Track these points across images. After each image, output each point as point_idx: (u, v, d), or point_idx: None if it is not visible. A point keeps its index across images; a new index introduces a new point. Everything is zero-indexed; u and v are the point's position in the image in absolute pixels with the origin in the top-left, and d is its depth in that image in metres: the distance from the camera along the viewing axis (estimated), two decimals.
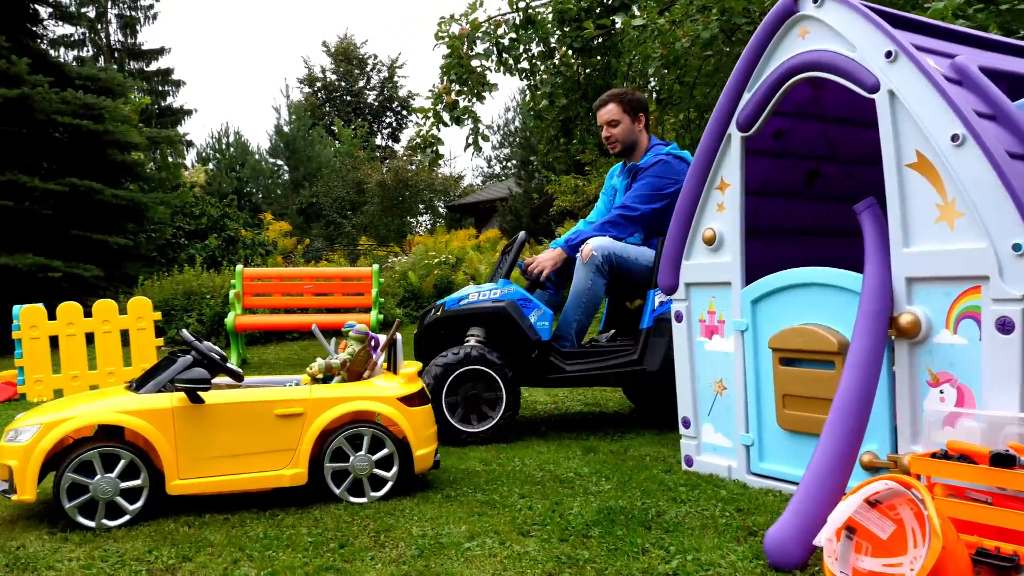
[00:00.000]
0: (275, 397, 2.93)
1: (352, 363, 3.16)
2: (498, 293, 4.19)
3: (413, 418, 3.05)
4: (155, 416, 2.79)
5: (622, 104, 4.42)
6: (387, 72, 40.32)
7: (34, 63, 10.03)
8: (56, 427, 2.72)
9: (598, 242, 4.20)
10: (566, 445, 3.99)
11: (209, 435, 2.84)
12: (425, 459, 3.08)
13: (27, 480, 2.68)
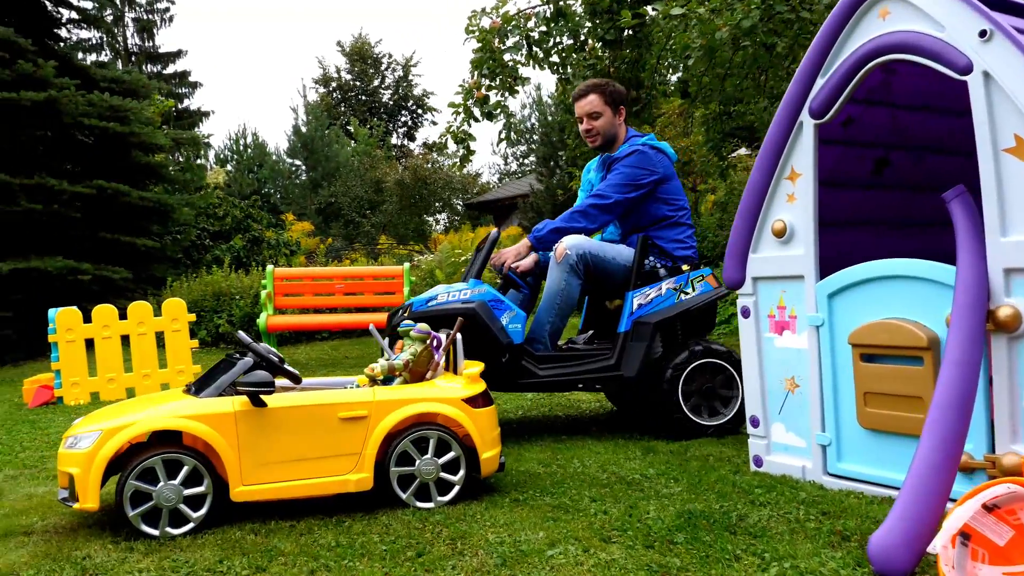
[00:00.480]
0: (339, 400, 2.84)
1: (415, 364, 3.06)
2: (468, 294, 3.95)
3: (478, 420, 2.96)
4: (217, 421, 2.70)
5: (603, 95, 4.19)
6: (402, 71, 40.32)
7: (59, 66, 10.01)
8: (118, 433, 2.63)
9: (573, 240, 3.98)
10: (623, 445, 3.88)
11: (272, 440, 2.75)
12: (491, 462, 2.98)
13: (89, 488, 2.60)
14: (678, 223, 4.19)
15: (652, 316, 3.98)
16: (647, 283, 4.05)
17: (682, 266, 4.14)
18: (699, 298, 4.07)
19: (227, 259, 11.99)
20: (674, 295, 4.03)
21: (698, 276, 4.12)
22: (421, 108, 40.89)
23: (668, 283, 4.04)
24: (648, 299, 4.01)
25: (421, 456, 2.86)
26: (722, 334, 8.43)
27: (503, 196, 25.68)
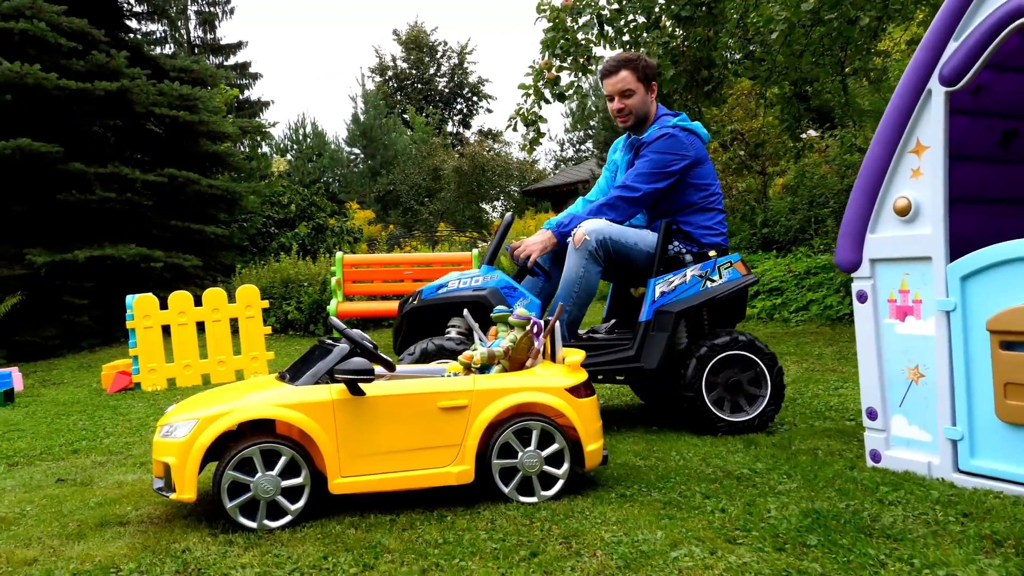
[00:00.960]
0: (438, 388, 2.71)
1: (514, 351, 2.91)
2: (480, 280, 3.78)
3: (582, 410, 2.80)
4: (315, 409, 2.59)
5: (636, 71, 3.88)
6: (457, 59, 40.27)
7: (131, 57, 10.13)
8: (215, 422, 2.55)
9: (592, 225, 3.75)
10: (721, 438, 3.68)
11: (371, 430, 2.63)
12: (595, 455, 2.82)
13: (186, 478, 2.52)
14: (708, 208, 3.93)
15: (675, 305, 3.73)
16: (671, 270, 3.82)
17: (709, 252, 3.88)
18: (726, 286, 3.81)
19: (294, 247, 12.06)
20: (699, 282, 3.79)
21: (726, 263, 3.86)
22: (476, 95, 40.81)
23: (693, 270, 3.80)
24: (672, 286, 3.78)
25: (524, 448, 2.71)
26: (800, 321, 8.12)
27: (561, 183, 25.45)
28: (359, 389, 2.62)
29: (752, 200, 13.03)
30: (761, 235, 11.41)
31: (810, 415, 4.16)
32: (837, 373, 5.43)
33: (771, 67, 8.63)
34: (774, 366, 3.78)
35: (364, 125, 28.20)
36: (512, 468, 2.72)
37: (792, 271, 9.09)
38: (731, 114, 12.75)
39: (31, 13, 9.00)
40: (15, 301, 8.84)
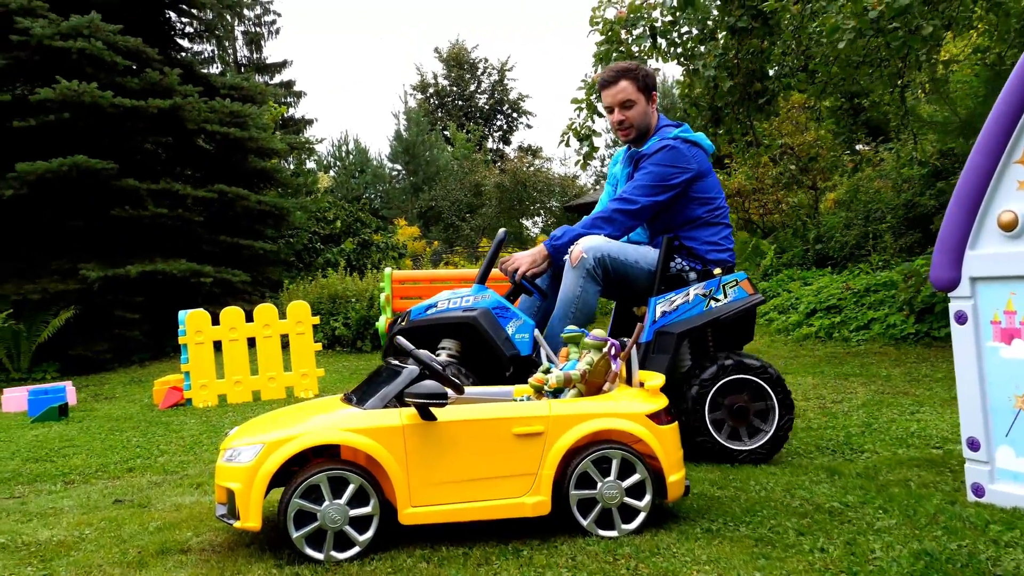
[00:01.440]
0: (512, 414, 2.56)
1: (591, 374, 2.75)
2: (471, 300, 3.60)
3: (664, 438, 2.63)
4: (385, 435, 2.46)
5: (636, 81, 3.71)
6: (497, 75, 40.42)
7: (183, 75, 10.25)
8: (282, 447, 2.43)
9: (590, 242, 3.55)
10: (800, 466, 3.48)
11: (443, 457, 2.49)
12: (677, 486, 2.65)
13: (251, 506, 2.40)
14: (713, 223, 3.73)
15: (676, 325, 3.51)
16: (672, 288, 3.61)
17: (714, 270, 3.67)
18: (731, 306, 3.58)
19: (342, 262, 12.06)
20: (703, 302, 3.57)
21: (731, 281, 3.63)
22: (516, 112, 40.88)
23: (696, 288, 3.59)
24: (673, 306, 3.56)
25: (603, 478, 2.55)
26: (861, 340, 7.83)
27: None
28: (431, 414, 2.48)
29: (803, 215, 12.74)
30: (815, 251, 11.13)
31: (891, 442, 3.93)
32: (910, 396, 5.17)
33: (826, 79, 8.41)
34: (783, 394, 3.53)
35: (407, 142, 28.37)
36: (591, 499, 2.55)
37: (851, 288, 8.80)
38: (781, 127, 12.50)
39: (89, 32, 9.15)
40: (69, 315, 8.93)
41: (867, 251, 10.28)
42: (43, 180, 8.84)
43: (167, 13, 11.62)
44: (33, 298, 9.02)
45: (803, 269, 10.82)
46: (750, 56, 7.87)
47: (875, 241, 10.22)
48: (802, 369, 6.52)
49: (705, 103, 8.20)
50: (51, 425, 5.61)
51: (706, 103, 8.19)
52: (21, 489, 3.72)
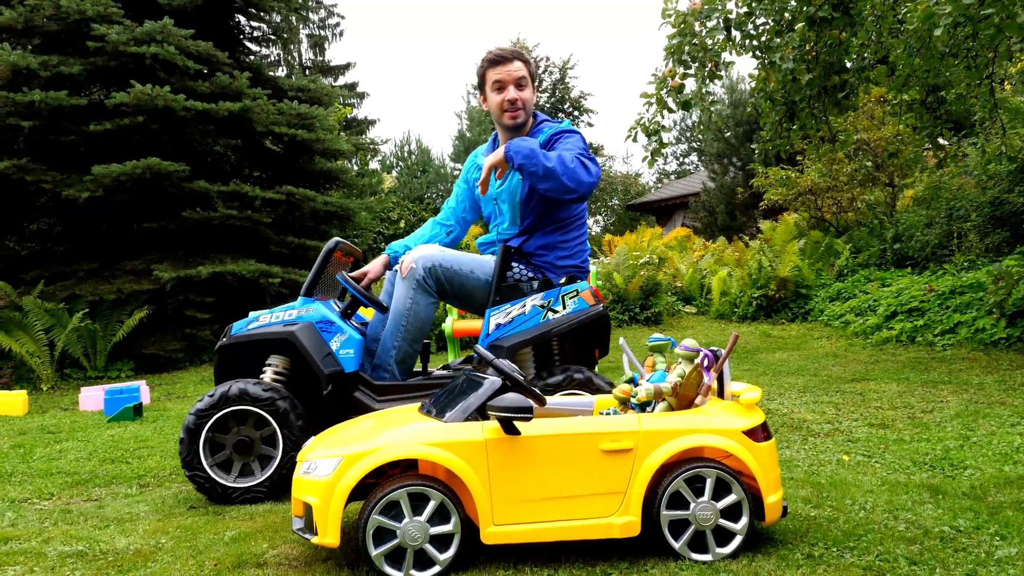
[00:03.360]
0: (600, 429, 2.42)
1: (683, 387, 2.59)
2: (294, 314, 3.43)
3: (761, 456, 2.47)
4: (466, 449, 2.35)
5: (528, 65, 3.55)
6: (559, 74, 40.20)
7: (251, 78, 10.38)
8: (361, 460, 2.34)
9: (420, 252, 3.40)
10: (894, 481, 3.27)
11: (527, 473, 2.37)
12: (775, 507, 2.48)
13: (329, 521, 2.31)
14: (572, 226, 3.54)
15: (507, 339, 3.30)
16: (510, 299, 3.38)
17: (556, 280, 3.45)
18: (568, 318, 3.36)
19: None
20: (540, 313, 3.35)
21: (571, 292, 3.40)
22: (578, 110, 40.62)
23: (534, 299, 3.36)
24: (509, 318, 3.34)
25: (696, 498, 2.40)
26: (947, 345, 7.44)
27: (666, 196, 24.88)
28: (515, 428, 2.36)
29: (880, 214, 12.26)
30: (893, 251, 10.68)
31: (994, 458, 3.67)
32: (1008, 407, 4.86)
33: (908, 72, 8.03)
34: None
35: (469, 141, 28.45)
36: (683, 521, 2.40)
37: (934, 290, 8.40)
38: (857, 122, 12.03)
39: (161, 37, 9.32)
40: (143, 315, 9.13)
41: (950, 251, 9.81)
42: (118, 182, 9.05)
43: (236, 17, 11.80)
44: (108, 298, 9.24)
45: (881, 269, 10.40)
46: (828, 48, 7.56)
47: (959, 240, 9.75)
48: (885, 375, 6.22)
49: (780, 97, 7.91)
50: (126, 425, 5.70)
51: (781, 97, 7.91)
52: (98, 492, 3.74)
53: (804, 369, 6.74)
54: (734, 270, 11.14)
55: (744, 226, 16.30)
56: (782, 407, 5.04)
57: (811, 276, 10.55)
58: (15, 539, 2.88)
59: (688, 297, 11.34)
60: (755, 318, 10.03)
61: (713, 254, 12.75)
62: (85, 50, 9.39)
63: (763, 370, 6.76)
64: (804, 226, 13.05)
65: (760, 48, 7.48)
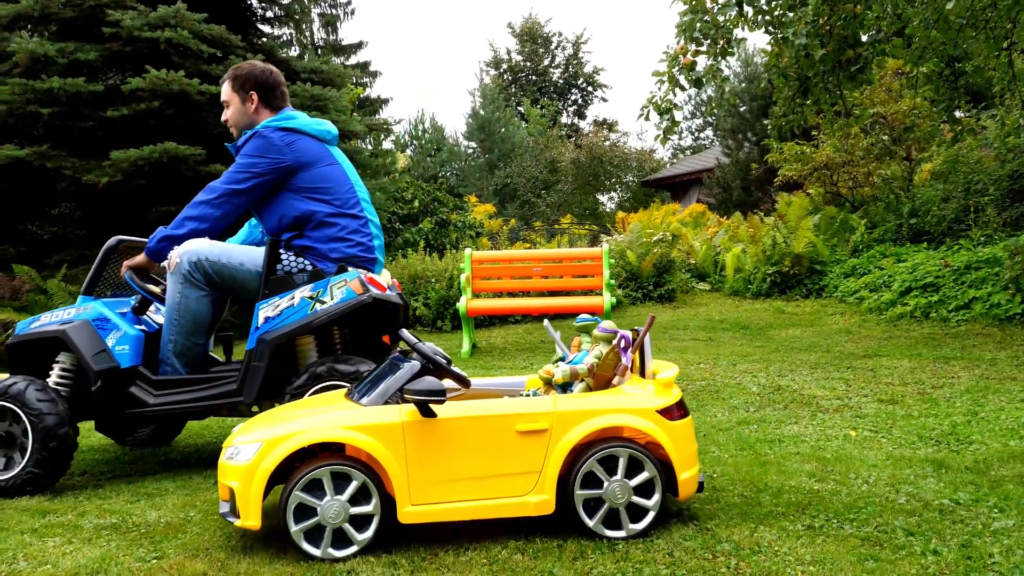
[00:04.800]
0: (516, 410, 2.48)
1: (600, 368, 2.65)
2: (72, 313, 3.46)
3: (675, 434, 2.52)
4: (384, 432, 2.41)
5: (232, 81, 3.60)
6: (572, 49, 39.96)
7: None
8: (279, 445, 2.41)
9: (187, 246, 3.42)
10: (901, 458, 3.33)
11: (443, 454, 2.44)
12: (690, 483, 2.54)
13: (251, 504, 2.40)
14: (331, 219, 3.48)
15: (273, 332, 3.31)
16: (279, 291, 3.38)
17: (327, 270, 3.44)
18: (334, 308, 3.32)
19: (421, 242, 12.17)
20: (309, 304, 3.33)
21: (340, 281, 3.36)
22: (591, 85, 40.41)
23: (303, 291, 3.35)
24: (278, 310, 3.34)
25: (610, 477, 2.46)
26: (961, 321, 7.45)
27: (681, 172, 24.77)
28: (431, 411, 2.43)
29: (896, 188, 12.18)
30: (909, 226, 10.63)
31: (1001, 433, 3.72)
32: (1019, 382, 4.89)
33: (925, 44, 7.97)
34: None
35: (482, 119, 28.38)
36: (597, 499, 2.47)
37: (949, 265, 8.38)
38: (873, 96, 11.93)
39: (175, 22, 9.38)
40: None
41: (967, 225, 9.76)
42: (136, 167, 9.16)
43: (248, 0, 11.84)
44: None
45: (896, 245, 10.37)
46: (842, 21, 7.51)
47: (976, 215, 9.69)
48: (897, 351, 6.26)
49: (794, 73, 7.88)
50: None
51: (794, 73, 7.88)
52: (128, 468, 3.88)
53: (816, 345, 6.78)
54: (748, 246, 11.13)
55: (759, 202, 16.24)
56: (792, 383, 5.11)
57: (826, 252, 10.53)
58: (53, 512, 3.02)
59: (702, 274, 11.35)
60: (769, 294, 10.04)
61: (727, 231, 12.74)
62: (101, 36, 9.48)
63: (775, 346, 6.81)
64: (819, 201, 13.00)
65: (773, 23, 7.46)
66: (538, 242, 15.91)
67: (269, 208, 3.51)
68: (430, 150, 26.72)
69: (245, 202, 3.51)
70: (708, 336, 7.62)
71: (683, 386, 5.14)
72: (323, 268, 3.43)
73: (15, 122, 9.47)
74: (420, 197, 13.90)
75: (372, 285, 3.41)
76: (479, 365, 6.67)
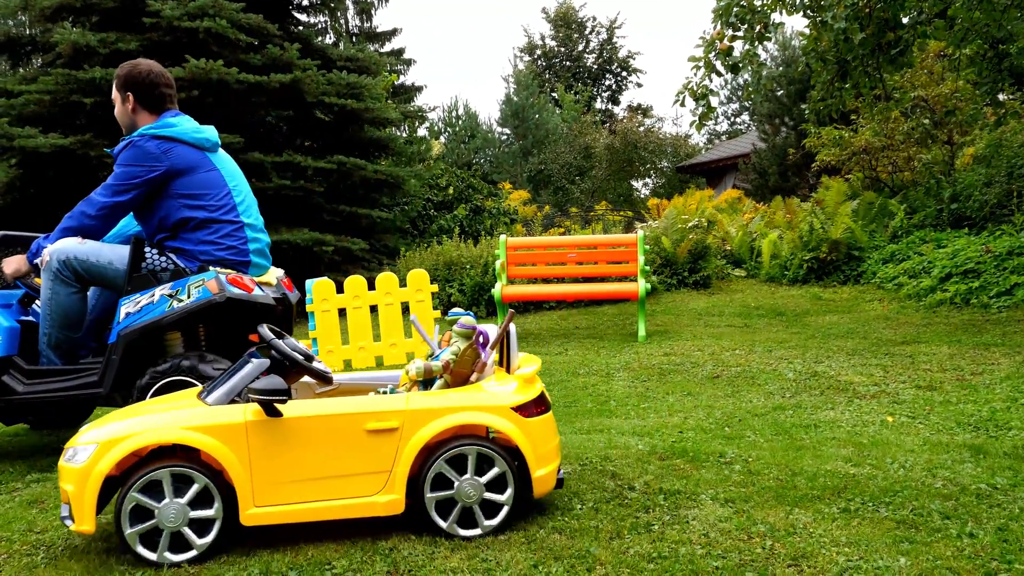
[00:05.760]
0: (365, 409, 2.44)
1: (457, 364, 2.61)
2: None
3: (530, 431, 2.48)
4: (225, 433, 2.36)
5: (116, 81, 3.68)
6: (606, 34, 39.67)
7: (301, 49, 10.56)
8: (116, 446, 2.35)
9: (58, 245, 3.52)
10: (939, 443, 3.32)
11: (289, 455, 2.40)
12: (546, 480, 2.50)
13: (85, 508, 2.32)
14: (211, 221, 3.55)
15: (129, 327, 3.40)
16: (141, 288, 3.47)
17: (192, 269, 3.50)
18: (187, 307, 3.38)
19: (456, 229, 12.25)
20: (167, 302, 3.41)
21: (197, 281, 3.43)
22: (626, 71, 40.10)
23: (163, 289, 3.44)
24: (138, 307, 3.43)
25: (460, 476, 2.43)
26: (1003, 307, 7.32)
27: (716, 158, 24.53)
28: (275, 410, 2.37)
29: (937, 173, 11.96)
30: (949, 211, 10.44)
31: None
32: None
33: (968, 25, 7.81)
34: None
35: (516, 105, 28.35)
36: (450, 499, 2.43)
37: (991, 251, 8.23)
38: (914, 79, 11.71)
39: (213, 12, 9.53)
40: None
41: (1010, 210, 9.56)
42: None
43: None
44: None
45: (937, 230, 10.19)
46: (882, 4, 7.38)
47: (1020, 200, 9.49)
48: (936, 338, 6.19)
49: (832, 57, 7.78)
50: None
51: (833, 57, 7.77)
52: None
53: (854, 332, 6.73)
54: (785, 232, 11.02)
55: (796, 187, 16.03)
56: (829, 369, 5.08)
57: (864, 238, 10.39)
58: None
59: (738, 260, 11.27)
60: (806, 281, 9.95)
61: (763, 216, 12.62)
62: (141, 26, 9.66)
63: (812, 333, 6.77)
64: (858, 186, 12.80)
65: (811, 7, 7.36)
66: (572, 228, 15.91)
67: (147, 212, 3.63)
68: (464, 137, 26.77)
69: (124, 212, 3.63)
70: (744, 323, 7.59)
71: (718, 372, 5.14)
72: (186, 267, 3.53)
73: (58, 111, 9.70)
74: (454, 184, 13.97)
75: (234, 285, 3.48)
76: None
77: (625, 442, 3.44)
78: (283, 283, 3.90)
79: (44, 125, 9.56)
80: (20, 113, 9.58)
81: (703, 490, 2.69)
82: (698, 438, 3.50)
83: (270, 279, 3.76)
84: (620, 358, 5.94)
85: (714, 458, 3.12)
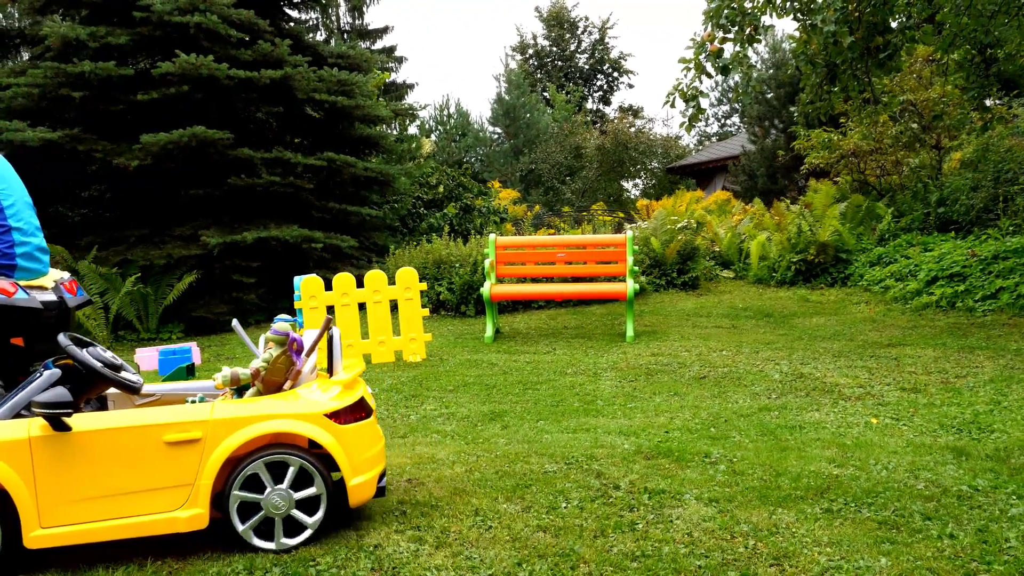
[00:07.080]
0: (163, 420, 2.32)
1: (268, 371, 2.54)
2: None
3: (346, 438, 2.40)
4: (7, 450, 2.21)
5: None
6: (598, 34, 39.71)
7: (292, 45, 10.51)
8: None
9: None
10: (922, 445, 3.35)
11: (80, 471, 2.26)
12: (364, 488, 2.41)
13: None
14: None
15: None
16: None
17: None
18: None
19: (445, 227, 12.23)
20: None
21: None
22: (617, 71, 40.16)
23: None
24: None
25: (274, 485, 2.33)
26: (988, 311, 7.38)
27: (706, 159, 24.59)
28: (63, 424, 2.25)
29: (925, 177, 12.04)
30: (936, 215, 10.52)
31: (1023, 422, 3.72)
32: None
33: (956, 31, 7.87)
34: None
35: (507, 104, 28.36)
36: (255, 504, 2.33)
37: (976, 255, 8.30)
38: (903, 83, 11.78)
39: (204, 7, 9.48)
40: (192, 279, 9.44)
41: (996, 215, 9.65)
42: (165, 150, 9.30)
43: None
44: (159, 263, 9.56)
45: (923, 234, 10.27)
46: (871, 8, 7.43)
47: (1006, 204, 9.57)
48: (922, 340, 6.23)
49: (822, 60, 7.82)
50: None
51: (822, 60, 7.82)
52: None
53: (840, 334, 6.77)
54: (773, 234, 11.07)
55: (785, 190, 16.09)
56: (815, 371, 5.11)
57: (851, 241, 10.46)
58: None
59: (726, 262, 11.32)
60: (794, 283, 10.00)
61: (752, 218, 12.67)
62: (131, 20, 9.60)
63: (798, 335, 6.81)
64: (846, 189, 12.88)
65: (801, 10, 7.40)
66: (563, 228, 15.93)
67: None
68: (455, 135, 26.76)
69: None
70: (731, 324, 7.62)
71: (705, 373, 5.16)
72: None
73: (47, 105, 9.63)
74: (445, 182, 13.95)
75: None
76: (502, 350, 6.73)
77: (611, 441, 3.45)
78: (64, 286, 3.78)
79: (32, 119, 9.49)
80: (8, 106, 9.50)
81: (687, 490, 2.70)
82: (684, 438, 3.52)
83: (45, 283, 3.64)
84: (608, 358, 5.95)
85: (699, 458, 3.14)
